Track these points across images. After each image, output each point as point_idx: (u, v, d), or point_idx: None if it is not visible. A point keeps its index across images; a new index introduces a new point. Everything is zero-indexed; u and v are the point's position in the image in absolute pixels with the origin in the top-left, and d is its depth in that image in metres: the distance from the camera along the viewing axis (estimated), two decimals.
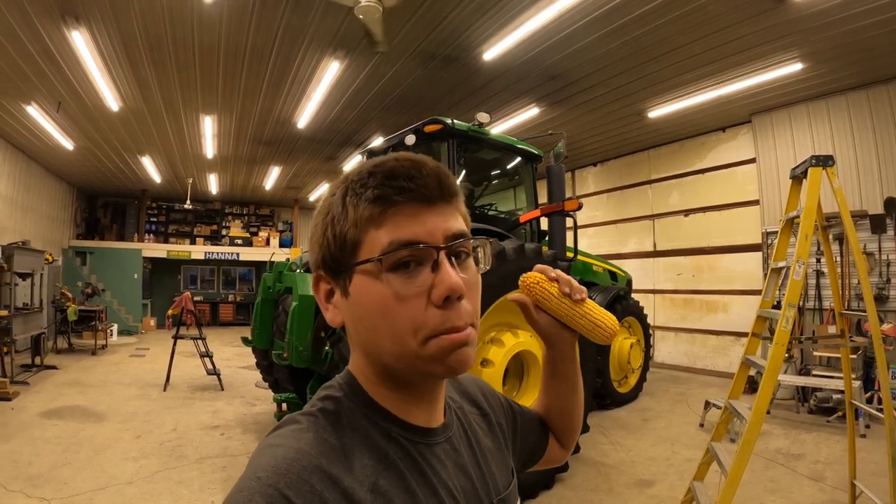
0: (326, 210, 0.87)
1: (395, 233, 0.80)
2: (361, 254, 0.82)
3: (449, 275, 0.80)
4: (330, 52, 8.38)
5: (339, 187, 0.86)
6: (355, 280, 0.83)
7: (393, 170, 0.82)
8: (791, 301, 3.56)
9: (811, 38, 7.64)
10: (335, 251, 0.84)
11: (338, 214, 0.84)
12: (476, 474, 0.96)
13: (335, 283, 0.88)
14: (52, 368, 11.50)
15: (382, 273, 0.80)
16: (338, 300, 0.88)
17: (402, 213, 0.81)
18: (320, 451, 0.76)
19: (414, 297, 0.80)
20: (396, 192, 0.81)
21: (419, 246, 0.80)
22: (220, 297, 24.20)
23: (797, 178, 4.07)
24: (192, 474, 5.71)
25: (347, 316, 0.87)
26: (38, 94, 10.10)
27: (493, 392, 1.22)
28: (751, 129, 11.12)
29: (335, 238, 0.84)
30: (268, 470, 0.71)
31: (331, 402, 0.88)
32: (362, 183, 0.83)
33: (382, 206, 0.81)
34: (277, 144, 13.88)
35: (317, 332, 5.56)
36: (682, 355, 12.67)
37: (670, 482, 5.59)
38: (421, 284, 0.80)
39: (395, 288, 0.80)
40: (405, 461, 0.85)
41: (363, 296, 0.83)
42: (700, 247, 12.35)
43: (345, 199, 0.84)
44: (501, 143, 6.67)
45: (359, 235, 0.82)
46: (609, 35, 7.69)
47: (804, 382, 8.20)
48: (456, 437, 0.97)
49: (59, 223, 18.20)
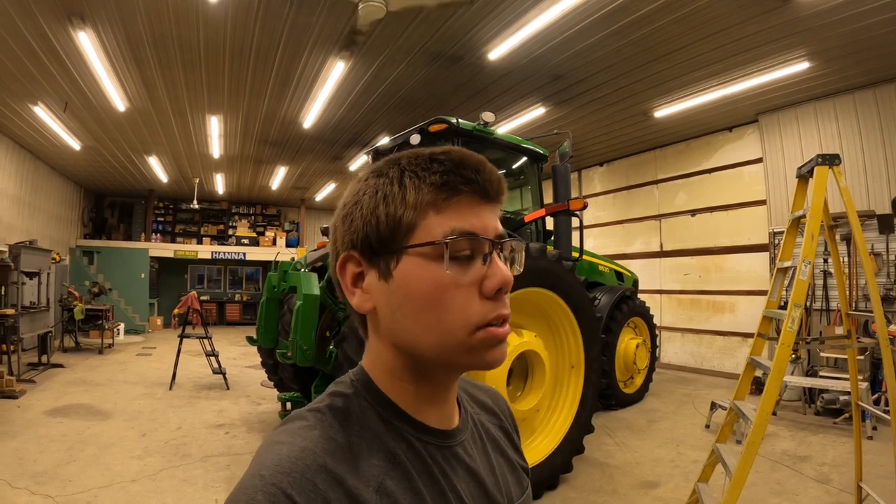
0: (373, 189, 0.85)
1: (457, 221, 0.81)
2: (416, 237, 0.81)
3: (501, 268, 0.83)
4: (335, 52, 8.38)
5: (389, 168, 0.86)
6: (404, 263, 0.82)
7: (462, 160, 0.84)
8: (797, 301, 3.53)
9: (818, 37, 7.61)
10: (384, 231, 0.82)
11: (392, 194, 0.82)
12: (490, 481, 0.94)
13: (372, 265, 0.85)
14: (58, 367, 11.53)
15: (444, 258, 0.80)
16: (371, 284, 0.86)
17: (464, 204, 0.83)
18: (325, 450, 0.75)
19: (467, 287, 0.81)
20: (464, 182, 0.82)
21: (478, 238, 0.82)
22: (227, 297, 24.22)
23: (803, 177, 4.04)
24: (197, 472, 5.72)
25: (383, 301, 0.84)
26: (45, 95, 10.15)
27: (512, 415, 1.20)
28: (757, 129, 11.08)
29: (387, 217, 0.82)
30: (271, 468, 0.70)
31: (340, 398, 0.86)
32: (424, 167, 0.83)
33: (448, 193, 0.82)
34: (283, 144, 13.91)
35: (321, 332, 5.56)
36: (689, 356, 12.63)
37: (675, 483, 5.57)
38: (473, 275, 0.81)
39: (454, 275, 0.80)
40: (415, 462, 0.83)
41: (413, 280, 0.81)
42: (707, 247, 12.31)
43: (402, 180, 0.83)
44: (507, 143, 6.66)
45: (415, 218, 0.81)
46: (614, 34, 7.67)
47: (811, 384, 8.16)
48: (469, 442, 0.95)
49: (67, 223, 18.29)
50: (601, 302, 8.42)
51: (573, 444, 5.61)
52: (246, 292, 24.48)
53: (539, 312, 5.59)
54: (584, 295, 5.78)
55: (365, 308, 0.87)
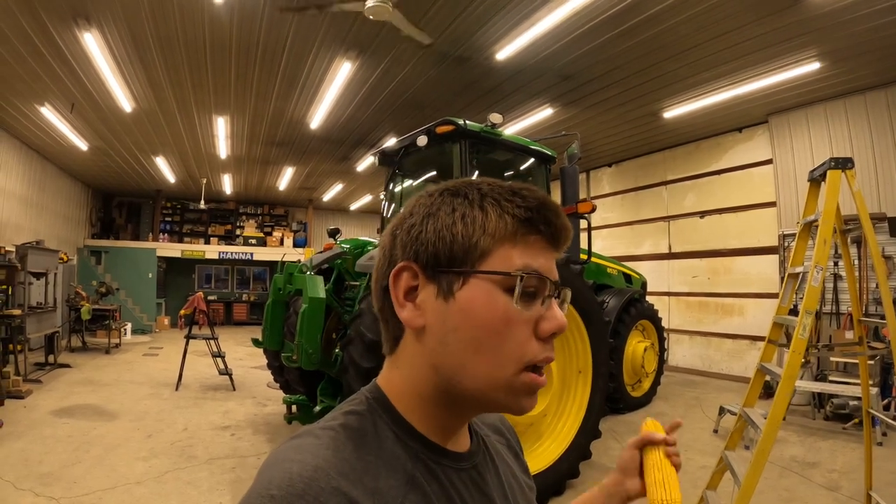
0: (450, 207, 0.84)
1: (529, 258, 0.81)
2: (489, 264, 0.80)
3: (558, 313, 0.84)
4: (342, 53, 8.37)
5: (469, 190, 0.85)
6: (471, 286, 0.80)
7: (545, 202, 0.84)
8: (808, 308, 3.48)
9: (829, 37, 7.54)
10: (458, 250, 0.81)
11: (472, 216, 0.82)
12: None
13: (432, 280, 0.82)
14: (65, 367, 11.57)
15: (516, 291, 0.79)
16: (426, 300, 0.83)
17: (537, 244, 0.83)
18: (340, 472, 0.71)
19: (526, 324, 0.81)
20: (544, 223, 0.83)
21: (546, 279, 0.82)
22: (234, 297, 24.32)
23: (815, 180, 3.99)
24: (202, 475, 5.69)
25: (437, 320, 0.82)
26: (52, 96, 10.18)
27: (515, 433, 1.20)
28: (767, 130, 10.99)
29: (464, 238, 0.81)
30: (282, 488, 0.66)
31: (354, 417, 0.83)
32: (507, 198, 0.83)
33: (527, 229, 0.82)
34: (290, 145, 13.92)
35: (327, 335, 5.53)
36: (697, 359, 12.55)
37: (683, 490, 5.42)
38: (533, 315, 0.81)
39: (520, 309, 0.80)
40: (432, 485, 0.80)
41: (477, 305, 0.80)
42: (716, 249, 12.24)
43: (483, 205, 0.83)
44: (514, 144, 6.61)
45: (492, 245, 0.81)
46: (623, 34, 7.62)
47: (820, 388, 8.08)
48: (482, 465, 0.94)
49: (75, 223, 18.37)
50: (609, 305, 8.37)
51: (580, 450, 5.56)
52: (253, 292, 24.58)
53: None
54: (592, 299, 5.73)
55: (415, 324, 0.83)
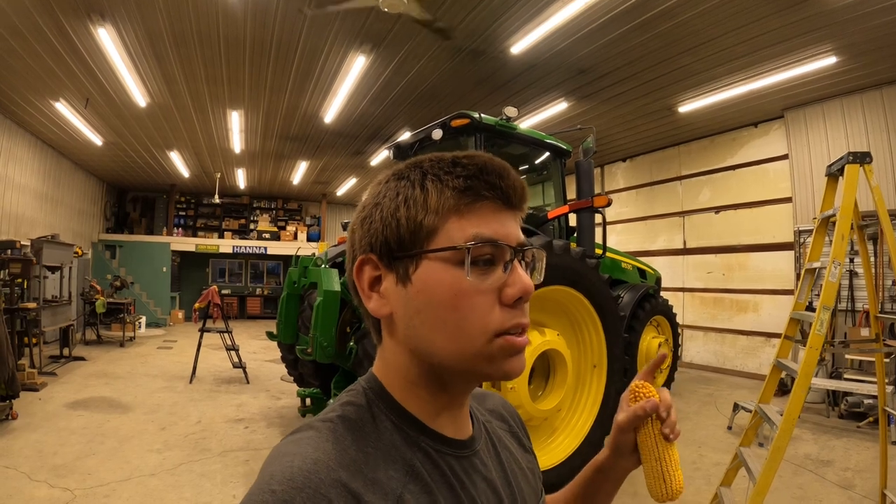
0: (394, 192, 0.83)
1: (479, 227, 0.80)
2: (437, 241, 0.79)
3: (522, 276, 0.81)
4: (356, 47, 8.35)
5: (410, 170, 0.84)
6: (423, 267, 0.80)
7: (485, 165, 0.82)
8: (826, 304, 3.44)
9: (845, 31, 7.44)
10: (404, 234, 0.80)
11: (413, 197, 0.81)
12: (505, 491, 0.91)
13: (390, 269, 0.83)
14: (80, 360, 11.68)
15: (465, 264, 0.78)
16: (388, 289, 0.83)
17: (487, 210, 0.81)
18: (340, 463, 0.71)
19: (487, 293, 0.79)
20: (487, 188, 0.81)
21: (501, 245, 0.80)
22: (248, 291, 24.47)
23: (833, 175, 3.95)
24: (216, 467, 5.74)
25: (400, 306, 0.82)
26: (67, 91, 10.25)
27: (520, 418, 1.19)
28: (783, 125, 10.88)
29: (408, 221, 0.80)
30: (283, 482, 0.66)
31: (352, 408, 0.82)
32: (447, 171, 0.81)
33: (470, 198, 0.80)
34: (305, 139, 13.94)
35: (342, 328, 5.53)
36: (711, 355, 12.48)
37: (696, 486, 5.47)
38: (493, 282, 0.80)
39: (474, 281, 0.78)
40: (433, 473, 0.80)
41: (432, 285, 0.79)
42: (730, 245, 12.15)
43: (424, 183, 0.81)
44: (529, 138, 6.58)
45: (437, 222, 0.80)
46: (638, 28, 7.56)
47: (835, 386, 8.00)
48: (484, 451, 0.93)
49: (89, 217, 18.51)
50: (624, 300, 8.32)
51: (594, 445, 5.53)
52: (267, 286, 24.74)
53: (561, 311, 5.52)
54: (607, 293, 5.69)
55: (382, 313, 0.85)
